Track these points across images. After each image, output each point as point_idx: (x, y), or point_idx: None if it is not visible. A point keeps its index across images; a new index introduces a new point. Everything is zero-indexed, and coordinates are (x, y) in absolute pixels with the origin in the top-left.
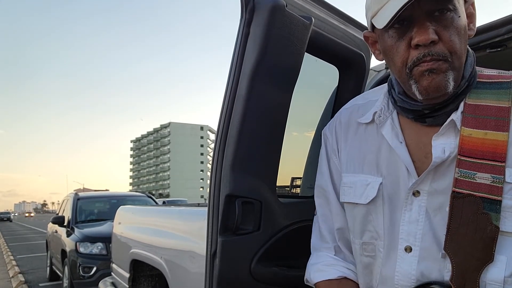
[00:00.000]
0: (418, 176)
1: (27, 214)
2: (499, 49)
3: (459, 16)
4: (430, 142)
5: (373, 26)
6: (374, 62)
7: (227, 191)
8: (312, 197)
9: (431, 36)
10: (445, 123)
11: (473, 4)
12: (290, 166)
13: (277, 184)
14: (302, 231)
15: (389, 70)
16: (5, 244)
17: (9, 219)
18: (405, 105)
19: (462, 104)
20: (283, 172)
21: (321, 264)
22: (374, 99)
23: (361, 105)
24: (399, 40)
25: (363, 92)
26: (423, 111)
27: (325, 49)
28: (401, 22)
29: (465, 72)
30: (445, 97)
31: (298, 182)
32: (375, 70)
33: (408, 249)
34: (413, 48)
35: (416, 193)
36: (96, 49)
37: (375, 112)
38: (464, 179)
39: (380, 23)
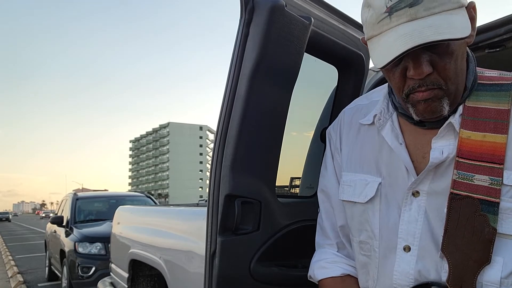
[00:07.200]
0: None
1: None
2: (497, 49)
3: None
4: (427, 143)
5: None
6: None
7: (226, 191)
8: (311, 197)
9: (425, 70)
10: (442, 126)
11: (474, 8)
12: (289, 166)
13: (276, 184)
14: (301, 231)
15: None
16: (4, 244)
17: (7, 219)
18: (405, 112)
19: (461, 107)
20: (282, 172)
21: (324, 261)
22: (377, 99)
23: (364, 106)
24: (395, 66)
25: (362, 92)
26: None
27: (324, 49)
28: None
29: (467, 82)
30: (441, 117)
31: (297, 182)
32: (374, 70)
33: (407, 249)
34: (408, 77)
35: (415, 193)
36: (96, 49)
37: (375, 115)
38: (462, 180)
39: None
